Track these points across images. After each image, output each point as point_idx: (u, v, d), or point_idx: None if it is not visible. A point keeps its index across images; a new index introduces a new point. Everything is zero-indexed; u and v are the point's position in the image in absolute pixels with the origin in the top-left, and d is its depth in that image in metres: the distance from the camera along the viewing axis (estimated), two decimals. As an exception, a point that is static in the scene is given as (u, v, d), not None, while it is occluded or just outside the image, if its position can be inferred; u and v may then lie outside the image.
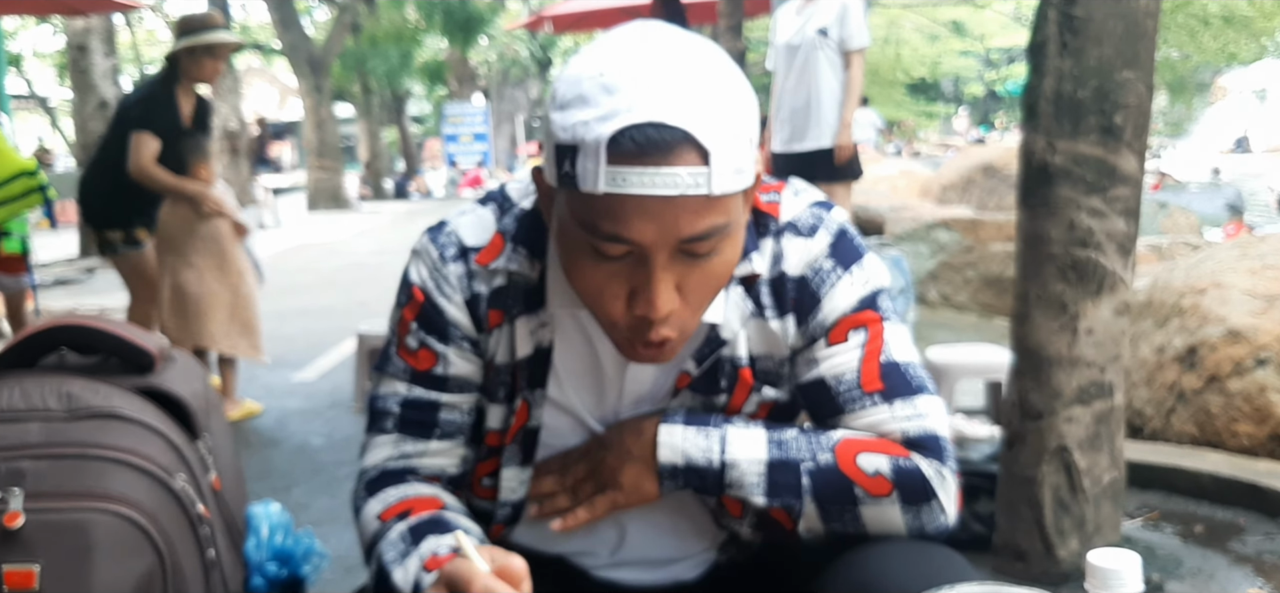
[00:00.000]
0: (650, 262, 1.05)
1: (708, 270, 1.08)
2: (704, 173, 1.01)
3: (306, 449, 4.52)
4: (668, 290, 1.06)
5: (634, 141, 1.00)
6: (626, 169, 1.00)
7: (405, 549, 1.14)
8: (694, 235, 1.04)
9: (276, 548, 1.40)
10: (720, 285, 1.12)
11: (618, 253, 1.05)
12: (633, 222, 1.02)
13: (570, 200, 1.06)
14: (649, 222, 1.02)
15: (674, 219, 1.02)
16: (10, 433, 1.25)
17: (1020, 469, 2.54)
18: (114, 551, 1.20)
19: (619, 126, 1.00)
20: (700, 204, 1.02)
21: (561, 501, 1.28)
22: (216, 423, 1.41)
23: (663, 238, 1.03)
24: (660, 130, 1.00)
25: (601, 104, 1.01)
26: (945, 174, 10.85)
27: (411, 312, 1.25)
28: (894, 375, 1.23)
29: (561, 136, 1.03)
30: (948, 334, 5.85)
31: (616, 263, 1.06)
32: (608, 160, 1.00)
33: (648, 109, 1.00)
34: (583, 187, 1.03)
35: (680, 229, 1.03)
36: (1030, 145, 2.51)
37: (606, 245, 1.05)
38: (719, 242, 1.07)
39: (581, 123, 1.02)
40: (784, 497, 1.20)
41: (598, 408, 1.28)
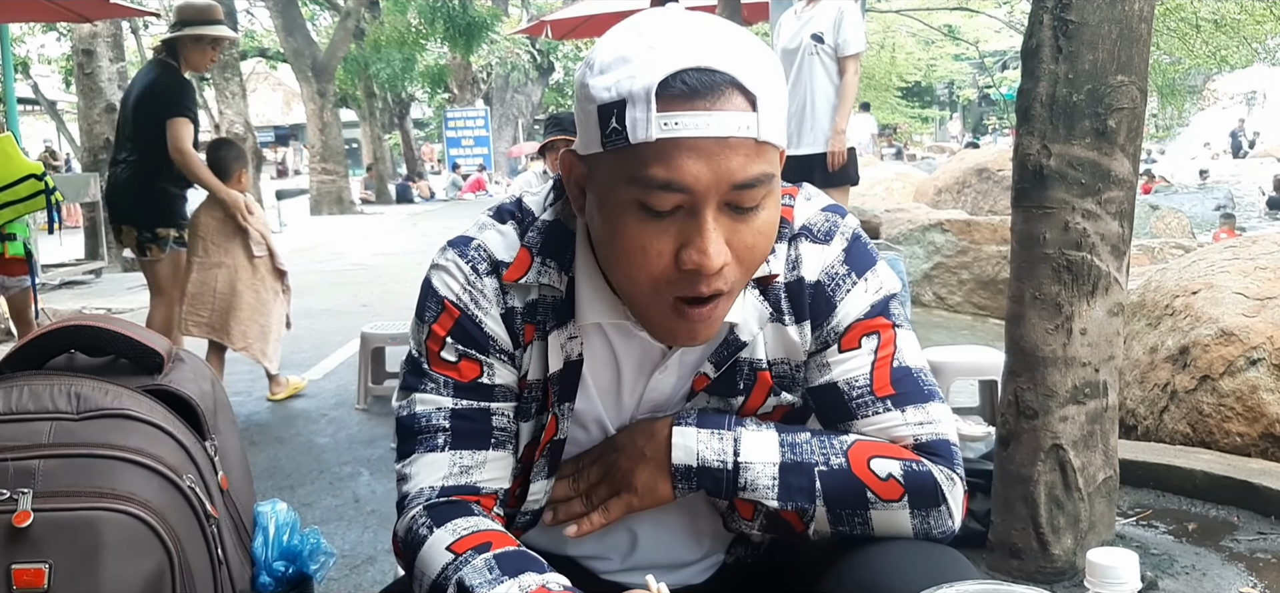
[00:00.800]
0: (701, 210, 1.05)
1: (755, 229, 1.08)
2: (753, 118, 1.03)
3: (312, 448, 4.55)
4: (719, 241, 1.06)
5: (684, 84, 1.02)
6: (678, 113, 1.02)
7: (496, 578, 1.10)
8: (745, 181, 1.04)
9: (284, 547, 1.42)
10: (765, 249, 1.12)
11: (668, 205, 1.05)
12: (686, 165, 1.03)
13: (617, 160, 1.06)
14: (702, 164, 1.03)
15: (726, 162, 1.03)
16: (20, 433, 1.27)
17: (1015, 468, 2.57)
18: (123, 549, 1.22)
19: (668, 72, 1.01)
20: (750, 148, 1.04)
21: (576, 506, 1.27)
22: (224, 423, 1.43)
23: (716, 183, 1.03)
24: (708, 74, 1.02)
25: (644, 59, 1.03)
26: (940, 177, 10.89)
27: (445, 325, 1.23)
28: (906, 381, 1.23)
29: (605, 97, 1.05)
30: (943, 335, 5.88)
31: (665, 220, 1.06)
32: (658, 108, 1.02)
33: (694, 55, 1.02)
34: (634, 137, 1.03)
35: (733, 174, 1.03)
36: (1025, 148, 2.54)
37: (658, 197, 1.05)
38: (765, 196, 1.07)
39: (627, 77, 1.03)
40: (797, 499, 1.20)
41: (615, 415, 1.28)
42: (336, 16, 22.52)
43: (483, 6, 19.87)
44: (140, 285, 10.34)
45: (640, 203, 1.06)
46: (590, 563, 1.36)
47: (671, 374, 1.25)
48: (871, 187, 11.28)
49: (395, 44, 20.42)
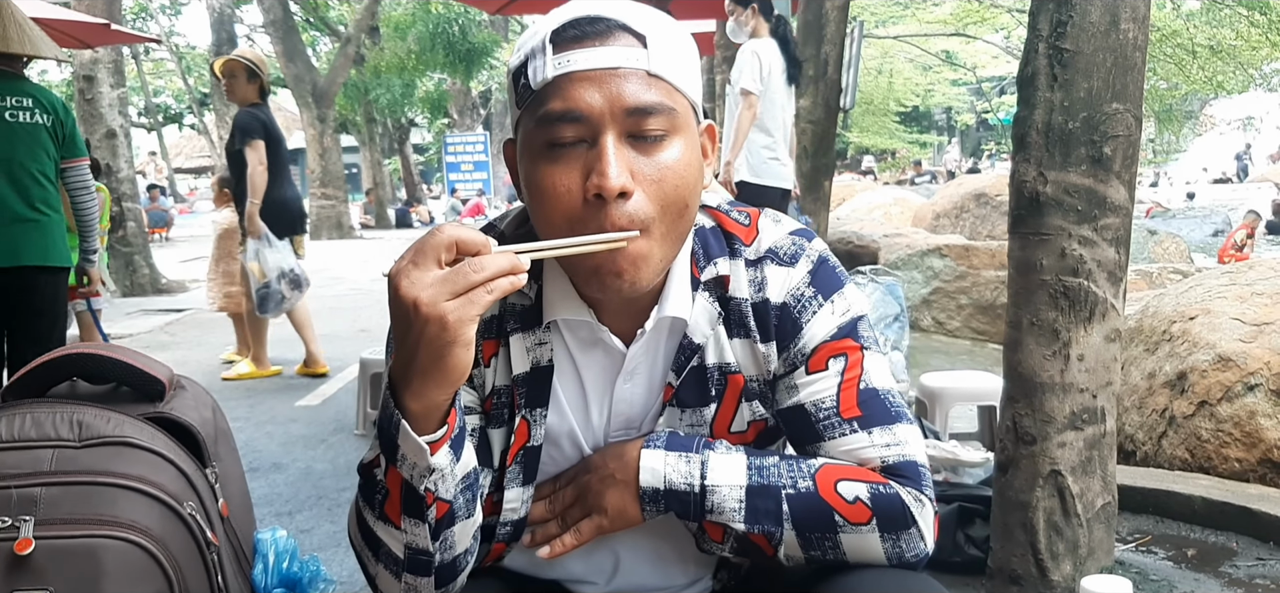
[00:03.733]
0: (600, 136, 1.12)
1: (660, 164, 1.13)
2: (643, 52, 1.13)
3: (311, 474, 4.54)
4: (620, 162, 1.11)
5: (574, 29, 1.12)
6: (570, 51, 1.12)
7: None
8: (638, 106, 1.11)
9: (284, 574, 1.42)
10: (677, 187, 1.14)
11: (570, 136, 1.12)
12: (579, 93, 1.11)
13: (529, 113, 1.15)
14: (594, 90, 1.11)
15: (618, 88, 1.11)
16: (23, 460, 1.28)
17: (1014, 494, 2.57)
18: (124, 577, 1.23)
19: (561, 22, 1.13)
20: (643, 77, 1.12)
21: (552, 527, 1.29)
22: (225, 450, 1.44)
23: (609, 107, 1.11)
24: (598, 20, 1.13)
25: (545, 22, 1.14)
26: (938, 202, 10.92)
27: None
28: (872, 403, 1.25)
29: (515, 62, 1.16)
30: (941, 359, 5.89)
31: (570, 152, 1.12)
32: (553, 51, 1.12)
33: (586, 7, 1.14)
34: (535, 83, 1.13)
35: (624, 97, 1.11)
36: (1021, 175, 2.55)
37: (559, 130, 1.12)
38: (666, 127, 1.14)
39: (527, 39, 1.15)
40: (763, 523, 1.21)
41: (588, 431, 1.30)
42: (337, 43, 22.64)
43: (482, 32, 19.96)
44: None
45: (547, 142, 1.13)
46: (577, 587, 1.37)
47: (639, 384, 1.28)
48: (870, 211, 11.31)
49: (395, 70, 20.53)
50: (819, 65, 6.85)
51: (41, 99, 4.00)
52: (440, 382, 1.02)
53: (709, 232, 1.28)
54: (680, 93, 1.15)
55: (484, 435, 1.32)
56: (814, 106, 6.86)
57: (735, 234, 1.28)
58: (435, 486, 1.08)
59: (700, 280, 1.26)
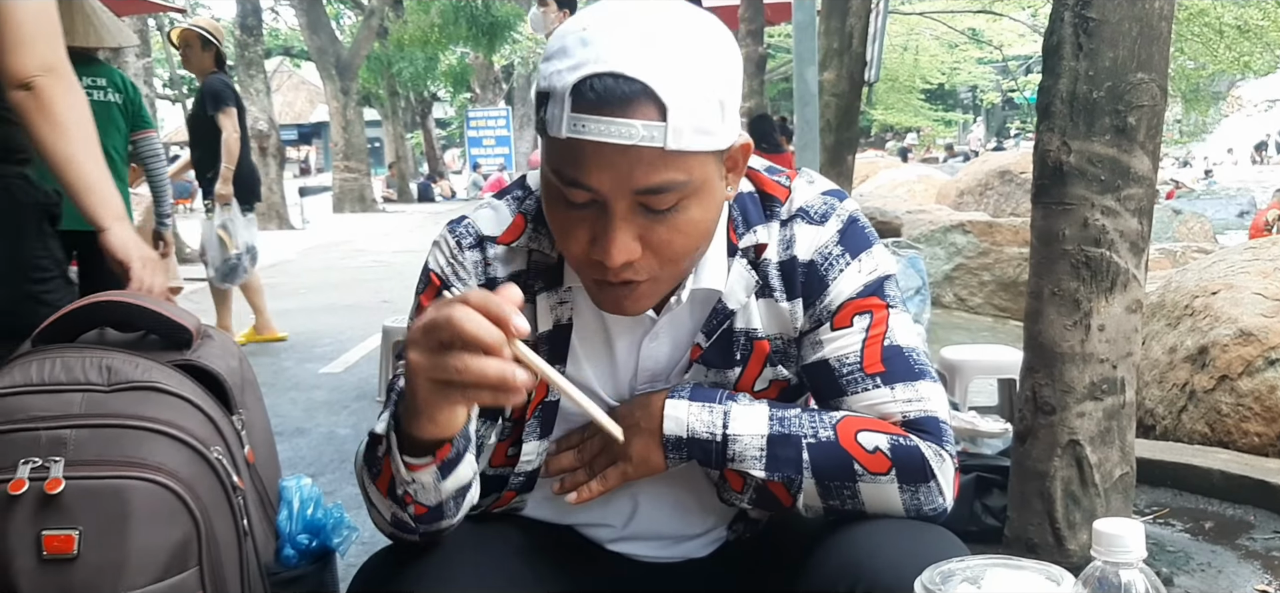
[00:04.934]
0: (609, 210, 1.10)
1: (673, 227, 1.12)
2: (660, 127, 1.06)
3: (334, 438, 4.60)
4: (623, 240, 1.10)
5: (594, 91, 1.05)
6: (587, 117, 1.06)
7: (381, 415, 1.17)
8: (649, 187, 1.08)
9: (308, 520, 1.45)
10: (688, 248, 1.15)
11: (581, 199, 1.10)
12: (590, 168, 1.07)
13: (545, 146, 1.13)
14: (605, 170, 1.07)
15: (629, 169, 1.07)
16: (52, 403, 1.30)
17: (1032, 463, 2.57)
18: (152, 517, 1.25)
19: (583, 75, 1.05)
20: (655, 157, 1.07)
21: (579, 475, 1.32)
22: (251, 399, 1.46)
23: (618, 187, 1.08)
24: (620, 81, 1.05)
25: (575, 55, 1.07)
26: (962, 179, 10.87)
27: (428, 297, 1.30)
28: (896, 359, 1.26)
29: (542, 85, 1.11)
30: (963, 336, 5.88)
31: (582, 209, 1.11)
32: (572, 108, 1.06)
33: (612, 61, 1.05)
34: (551, 131, 1.09)
35: (634, 180, 1.07)
36: (1045, 145, 2.54)
37: (570, 191, 1.10)
38: (680, 199, 1.10)
39: (556, 72, 1.08)
40: (784, 470, 1.23)
41: (613, 384, 1.32)
42: (360, 15, 22.65)
43: (505, 6, 19.94)
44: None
45: (560, 192, 1.12)
46: (592, 530, 1.40)
47: (664, 343, 1.30)
48: (893, 188, 11.27)
49: (418, 43, 20.55)
50: (843, 38, 6.81)
51: (113, 79, 4.24)
52: (428, 427, 1.06)
53: (748, 197, 1.28)
54: (701, 155, 1.10)
55: None
56: (838, 79, 6.83)
57: (774, 196, 1.29)
58: (415, 494, 1.12)
59: (737, 247, 1.26)
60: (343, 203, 20.40)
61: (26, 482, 1.23)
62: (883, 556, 1.15)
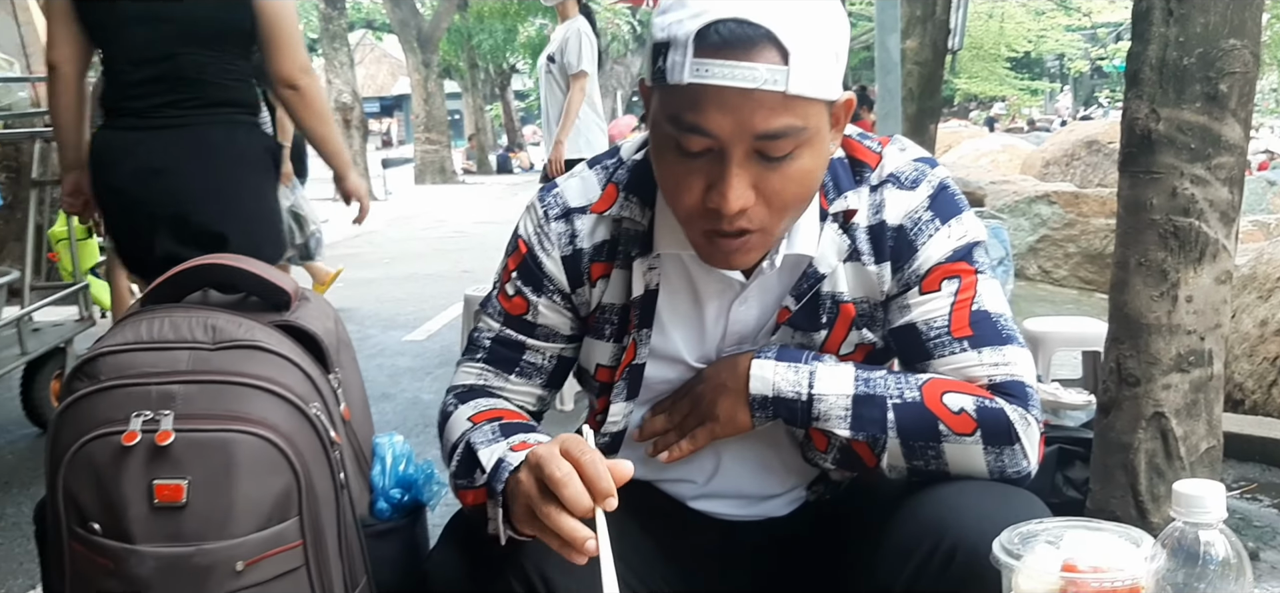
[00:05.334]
0: (727, 157, 1.12)
1: (785, 175, 1.14)
2: (783, 71, 1.08)
3: (418, 403, 4.71)
4: (741, 186, 1.12)
5: (718, 34, 1.08)
6: (710, 61, 1.08)
7: (494, 438, 1.22)
8: (768, 132, 1.10)
9: (400, 476, 1.50)
10: (800, 197, 1.17)
11: (699, 147, 1.12)
12: (711, 113, 1.09)
13: (661, 97, 1.15)
14: (726, 114, 1.09)
15: (750, 113, 1.09)
16: (162, 360, 1.37)
17: (1116, 436, 2.54)
18: (255, 468, 1.32)
19: (708, 21, 1.08)
20: (776, 101, 1.09)
21: (671, 436, 1.36)
22: (346, 359, 1.52)
23: (738, 132, 1.10)
24: (743, 26, 1.08)
25: (696, 4, 1.09)
26: (1047, 149, 10.64)
27: (514, 261, 1.36)
28: (984, 324, 1.27)
29: (658, 35, 1.13)
30: (1047, 308, 5.79)
31: (698, 159, 1.13)
32: (695, 53, 1.09)
33: (735, 7, 1.08)
34: (671, 79, 1.11)
35: (755, 124, 1.09)
36: (1133, 112, 2.50)
37: (688, 138, 1.12)
38: (795, 146, 1.12)
39: (676, 21, 1.10)
40: (868, 430, 1.25)
41: (699, 347, 1.35)
42: (441, -13, 22.87)
43: (585, -23, 19.95)
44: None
45: (676, 141, 1.14)
46: (674, 487, 1.44)
47: (753, 307, 1.32)
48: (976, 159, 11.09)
49: (498, 15, 20.70)
50: (926, 5, 6.72)
51: None
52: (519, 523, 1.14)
53: (839, 163, 1.30)
54: (817, 102, 1.13)
55: (582, 346, 1.39)
56: (921, 47, 6.73)
57: (865, 162, 1.30)
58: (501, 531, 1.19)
59: (828, 212, 1.28)
60: (424, 174, 20.68)
61: (139, 433, 1.30)
62: (967, 516, 1.17)
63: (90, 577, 1.33)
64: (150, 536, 1.29)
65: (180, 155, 2.62)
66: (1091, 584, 0.92)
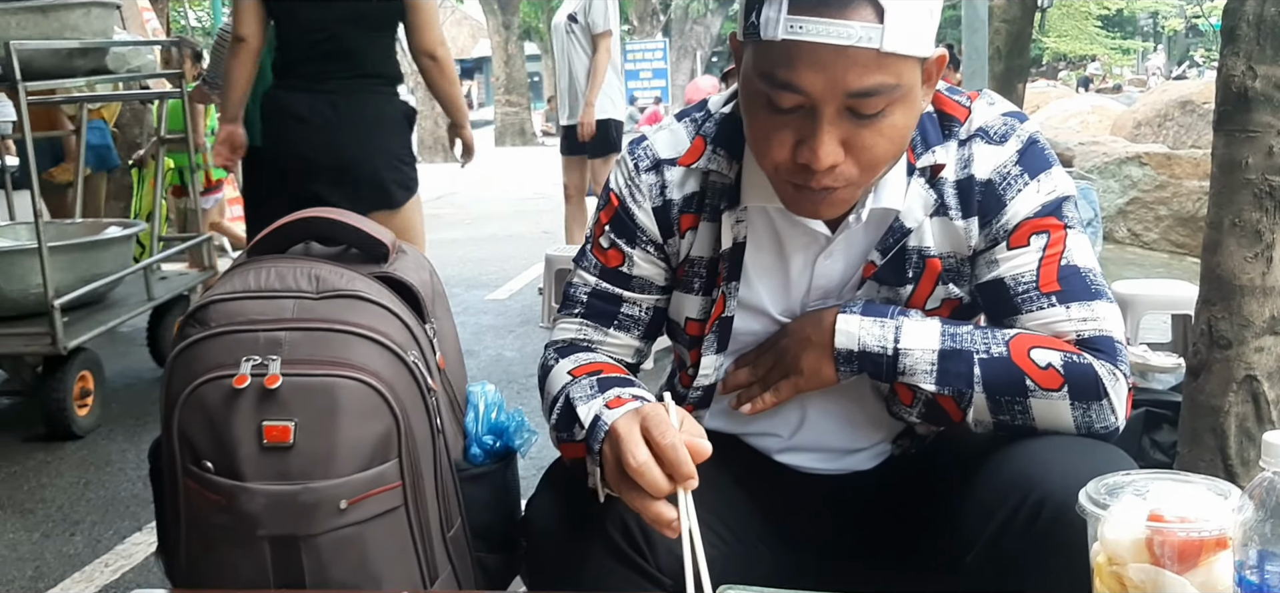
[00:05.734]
0: (818, 114, 1.12)
1: (876, 132, 1.14)
2: (877, 29, 1.09)
3: (501, 360, 4.80)
4: (831, 143, 1.13)
5: None
6: (805, 17, 1.09)
7: (592, 393, 1.26)
8: (861, 90, 1.10)
9: (492, 423, 1.55)
10: (890, 153, 1.18)
11: (790, 104, 1.13)
12: (804, 70, 1.10)
13: (754, 52, 1.16)
14: (819, 72, 1.10)
15: (843, 71, 1.09)
16: (269, 308, 1.43)
17: (1205, 399, 2.51)
18: (358, 412, 1.37)
19: None
20: (869, 59, 1.09)
21: (754, 388, 1.38)
22: (441, 310, 1.57)
23: (830, 89, 1.10)
24: None
25: None
26: (1139, 110, 10.37)
27: (607, 215, 1.39)
28: (1072, 279, 1.27)
29: None
30: (1136, 272, 5.68)
31: (788, 114, 1.14)
32: (789, 10, 1.10)
33: None
34: (764, 34, 1.12)
35: (847, 82, 1.10)
36: (1229, 69, 2.45)
37: (780, 95, 1.13)
38: (887, 103, 1.12)
39: None
40: (954, 384, 1.25)
41: (784, 300, 1.37)
42: (522, -51, 22.94)
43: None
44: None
45: (767, 97, 1.15)
46: (761, 440, 1.46)
47: (838, 260, 1.33)
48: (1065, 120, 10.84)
49: (578, -24, 20.67)
50: (1015, -37, 6.58)
51: None
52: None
53: (927, 118, 1.30)
54: (911, 59, 1.13)
55: (672, 300, 1.42)
56: (1009, 4, 6.61)
57: (954, 116, 1.30)
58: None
59: (915, 167, 1.28)
60: (504, 136, 20.86)
61: (249, 377, 1.36)
62: (1054, 471, 1.17)
63: (203, 513, 1.40)
64: (259, 474, 1.36)
65: (337, 115, 3.35)
66: (1178, 534, 0.92)
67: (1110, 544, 0.96)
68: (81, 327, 4.15)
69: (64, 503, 3.60)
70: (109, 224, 4.97)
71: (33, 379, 4.30)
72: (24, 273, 4.04)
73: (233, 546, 1.38)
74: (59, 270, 4.03)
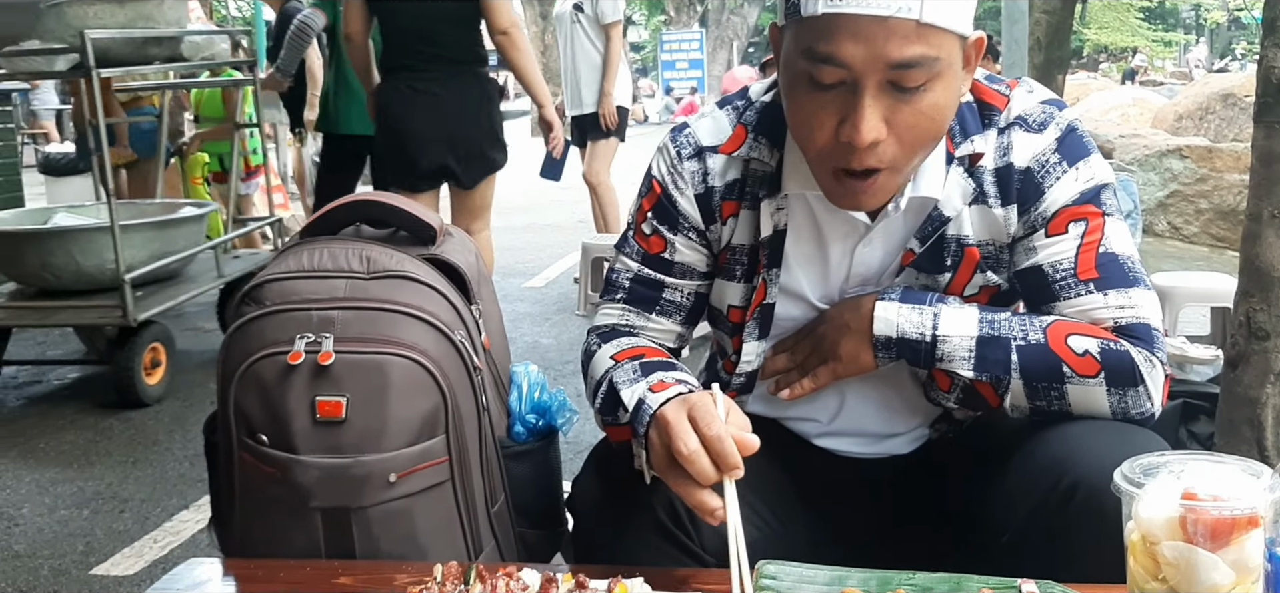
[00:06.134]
0: (860, 88, 1.13)
1: (918, 109, 1.15)
2: (916, 1, 1.10)
3: (537, 347, 4.84)
4: (874, 118, 1.14)
5: None
6: None
7: (636, 377, 1.28)
8: (902, 61, 1.12)
9: (535, 402, 1.59)
10: (932, 133, 1.18)
11: (831, 80, 1.14)
12: (845, 42, 1.11)
13: (794, 32, 1.17)
14: (860, 43, 1.11)
15: (884, 41, 1.11)
16: (322, 288, 1.47)
17: (1243, 390, 2.51)
18: (407, 388, 1.41)
19: None
20: (910, 30, 1.11)
21: (794, 375, 1.40)
22: (486, 292, 1.61)
23: (871, 60, 1.12)
24: None
25: None
26: (1180, 102, 10.25)
27: (649, 201, 1.41)
28: (1110, 266, 1.27)
29: None
30: (1175, 265, 5.64)
31: (830, 92, 1.15)
32: None
33: None
34: (805, 11, 1.14)
35: (888, 52, 1.11)
36: (1269, 61, 2.44)
37: (822, 70, 1.14)
38: (928, 78, 1.14)
39: None
40: (992, 371, 1.26)
41: (823, 288, 1.38)
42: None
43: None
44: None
45: (809, 75, 1.16)
46: (800, 425, 1.48)
47: (877, 248, 1.34)
48: (1105, 112, 10.74)
49: (614, -35, 20.65)
50: (1055, -48, 6.53)
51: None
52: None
53: (966, 106, 1.31)
54: (950, 34, 1.14)
55: (714, 287, 1.44)
56: (1048, -3, 6.56)
57: (993, 105, 1.31)
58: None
59: (954, 156, 1.29)
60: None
61: (303, 353, 1.40)
62: (1089, 454, 1.18)
63: (257, 484, 1.45)
64: (313, 447, 1.40)
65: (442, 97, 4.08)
66: (1210, 512, 0.94)
67: (1144, 522, 0.98)
68: (152, 301, 4.44)
69: (113, 480, 3.68)
70: (184, 205, 5.29)
71: (107, 348, 4.60)
72: (99, 249, 4.34)
73: (286, 516, 1.43)
74: (131, 248, 4.33)
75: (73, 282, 4.41)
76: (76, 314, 4.51)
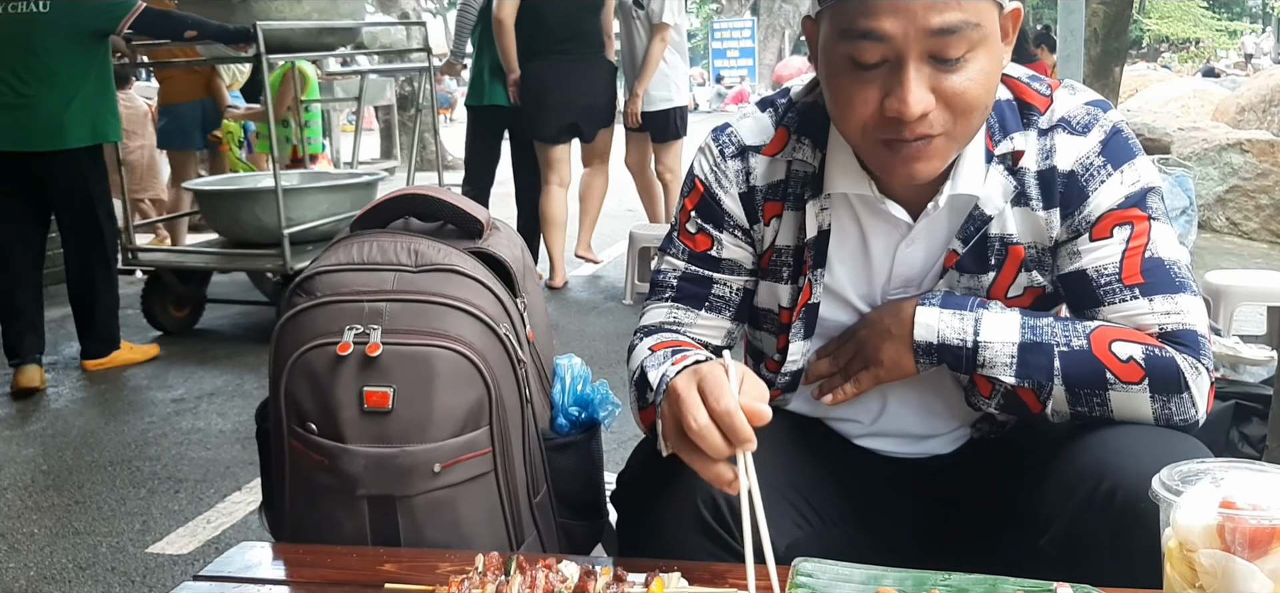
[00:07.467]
0: (903, 61, 1.14)
1: (963, 76, 1.15)
2: None
3: (584, 336, 4.87)
4: (919, 89, 1.14)
5: None
6: None
7: (664, 360, 1.30)
8: (942, 27, 1.12)
9: (578, 395, 1.61)
10: (980, 99, 1.18)
11: (873, 57, 1.15)
12: (883, 15, 1.12)
13: (830, 19, 1.18)
14: (898, 14, 1.12)
15: (923, 10, 1.11)
16: (371, 280, 1.50)
17: (1297, 392, 2.47)
18: (453, 380, 1.44)
19: None
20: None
21: (836, 379, 1.41)
22: (531, 285, 1.63)
23: (911, 30, 1.12)
24: None
25: None
26: (1243, 95, 10.04)
27: (692, 201, 1.41)
28: (1156, 271, 1.26)
29: None
30: (1232, 262, 5.54)
31: (872, 72, 1.16)
32: None
33: None
34: None
35: (929, 20, 1.11)
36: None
37: (862, 47, 1.14)
38: (969, 46, 1.14)
39: None
40: (1034, 377, 1.26)
41: (866, 288, 1.38)
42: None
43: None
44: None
45: (850, 57, 1.16)
46: (842, 425, 1.48)
47: (919, 248, 1.34)
48: (1164, 104, 10.56)
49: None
50: (1114, -58, 6.42)
51: None
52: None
53: (1005, 104, 1.30)
54: (990, 6, 1.15)
55: (760, 289, 1.45)
56: (1106, -13, 6.46)
57: (1034, 105, 1.30)
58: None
59: (994, 154, 1.29)
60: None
61: (351, 345, 1.43)
62: (1129, 459, 1.18)
63: (307, 471, 1.49)
64: (360, 436, 1.43)
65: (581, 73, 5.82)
66: (1249, 521, 0.94)
67: (1182, 530, 0.97)
68: (309, 254, 5.15)
69: (168, 462, 3.77)
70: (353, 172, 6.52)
71: (273, 292, 5.66)
72: (268, 207, 5.24)
73: (334, 503, 1.46)
74: (293, 207, 5.23)
75: (256, 235, 5.35)
76: (251, 262, 5.58)
